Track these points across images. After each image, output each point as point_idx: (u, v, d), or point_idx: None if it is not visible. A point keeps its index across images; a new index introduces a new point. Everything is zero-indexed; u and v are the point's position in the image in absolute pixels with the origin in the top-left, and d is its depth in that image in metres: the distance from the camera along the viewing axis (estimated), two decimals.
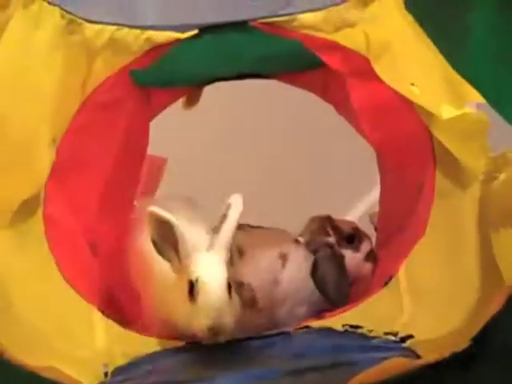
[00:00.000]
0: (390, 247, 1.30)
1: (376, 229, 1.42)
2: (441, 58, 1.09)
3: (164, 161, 1.42)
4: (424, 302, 1.15)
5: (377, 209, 1.41)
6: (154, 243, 1.06)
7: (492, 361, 0.77)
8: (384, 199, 1.38)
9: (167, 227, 1.04)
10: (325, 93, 1.44)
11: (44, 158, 1.13)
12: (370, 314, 1.21)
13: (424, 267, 1.18)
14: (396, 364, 0.84)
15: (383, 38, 1.10)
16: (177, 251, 1.06)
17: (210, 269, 1.05)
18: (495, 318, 0.78)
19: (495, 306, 0.77)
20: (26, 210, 1.12)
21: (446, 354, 0.79)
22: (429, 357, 0.86)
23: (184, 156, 1.71)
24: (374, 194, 1.44)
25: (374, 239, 1.39)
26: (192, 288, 1.04)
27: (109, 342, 1.15)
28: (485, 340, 0.78)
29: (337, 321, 1.21)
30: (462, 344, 0.79)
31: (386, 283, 1.23)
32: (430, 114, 1.12)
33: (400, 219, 1.28)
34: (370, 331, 1.14)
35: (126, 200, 1.38)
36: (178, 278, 1.07)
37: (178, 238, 1.04)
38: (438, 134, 1.15)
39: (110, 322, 1.18)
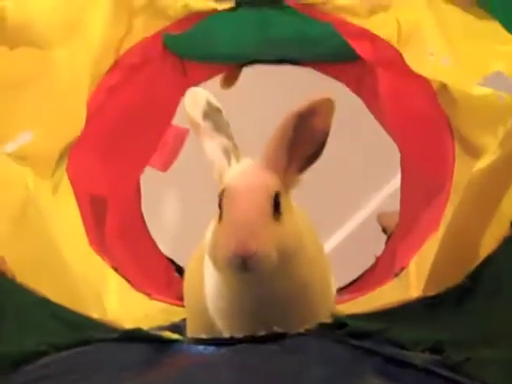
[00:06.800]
0: (407, 241, 1.35)
1: (384, 229, 1.49)
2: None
3: (186, 132, 1.48)
4: None
5: (386, 209, 1.46)
6: None
7: (485, 295, 0.80)
8: (404, 195, 1.43)
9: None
10: (358, 86, 1.51)
11: (84, 107, 1.17)
12: (376, 304, 1.28)
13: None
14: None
15: (413, 20, 1.16)
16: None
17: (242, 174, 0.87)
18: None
19: (493, 247, 0.83)
20: (61, 159, 1.17)
21: (441, 289, 0.82)
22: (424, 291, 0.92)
23: None
24: (386, 192, 1.50)
25: (381, 239, 1.46)
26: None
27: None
28: (478, 273, 0.81)
29: (343, 308, 1.25)
30: (457, 279, 0.82)
31: (397, 274, 1.28)
32: (452, 103, 1.16)
33: (418, 215, 1.33)
34: None
35: (139, 164, 1.46)
36: None
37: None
38: (459, 123, 1.19)
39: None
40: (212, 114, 0.94)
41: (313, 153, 0.87)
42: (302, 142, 0.86)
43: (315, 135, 0.85)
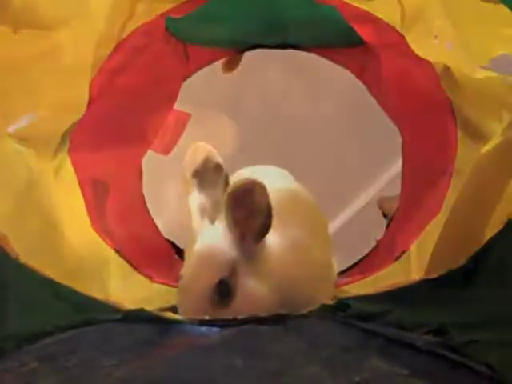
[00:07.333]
0: (408, 225, 1.35)
1: (384, 214, 1.49)
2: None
3: (188, 116, 1.48)
4: None
5: (385, 193, 1.46)
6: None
7: (488, 276, 0.81)
8: (406, 180, 1.42)
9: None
10: (361, 71, 1.51)
11: (86, 89, 1.18)
12: (378, 287, 1.28)
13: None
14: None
15: (417, 3, 1.15)
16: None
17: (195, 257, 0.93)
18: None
19: (496, 229, 0.83)
20: (63, 141, 1.17)
21: (444, 270, 0.83)
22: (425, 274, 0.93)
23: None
24: (386, 178, 1.50)
25: (382, 224, 1.46)
26: None
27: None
28: (481, 255, 0.82)
29: (345, 291, 1.26)
30: (460, 261, 0.83)
31: (398, 257, 1.29)
32: (455, 86, 1.16)
33: (420, 199, 1.33)
34: None
35: (141, 147, 1.46)
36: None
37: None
38: (461, 106, 1.18)
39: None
40: (205, 171, 0.99)
41: (261, 225, 0.90)
42: (247, 217, 0.90)
43: (256, 210, 0.89)
